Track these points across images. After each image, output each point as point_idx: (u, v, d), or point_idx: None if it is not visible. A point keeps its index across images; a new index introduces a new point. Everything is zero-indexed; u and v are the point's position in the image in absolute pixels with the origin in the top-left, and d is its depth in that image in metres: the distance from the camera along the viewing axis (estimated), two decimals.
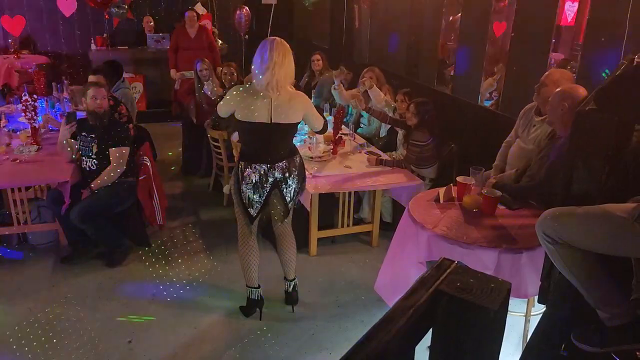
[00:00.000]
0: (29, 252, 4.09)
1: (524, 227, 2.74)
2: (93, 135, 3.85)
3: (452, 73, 5.23)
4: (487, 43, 4.54)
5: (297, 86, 4.01)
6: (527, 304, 2.93)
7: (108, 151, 3.85)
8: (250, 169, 3.01)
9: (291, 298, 3.44)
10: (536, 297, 2.56)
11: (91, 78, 4.62)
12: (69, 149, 3.98)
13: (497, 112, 4.47)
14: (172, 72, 6.73)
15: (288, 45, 2.97)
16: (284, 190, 3.11)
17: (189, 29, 6.75)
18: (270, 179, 3.04)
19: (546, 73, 3.25)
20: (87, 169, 3.90)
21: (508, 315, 1.01)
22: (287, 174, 3.07)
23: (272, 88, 2.89)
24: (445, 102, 4.97)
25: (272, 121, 2.93)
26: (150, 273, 3.85)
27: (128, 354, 3.02)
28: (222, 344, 3.13)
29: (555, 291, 2.19)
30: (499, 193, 2.92)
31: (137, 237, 4.17)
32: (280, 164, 3.04)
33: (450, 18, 5.30)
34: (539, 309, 2.81)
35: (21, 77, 7.38)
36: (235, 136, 4.37)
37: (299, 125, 3.30)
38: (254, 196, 3.07)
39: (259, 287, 3.33)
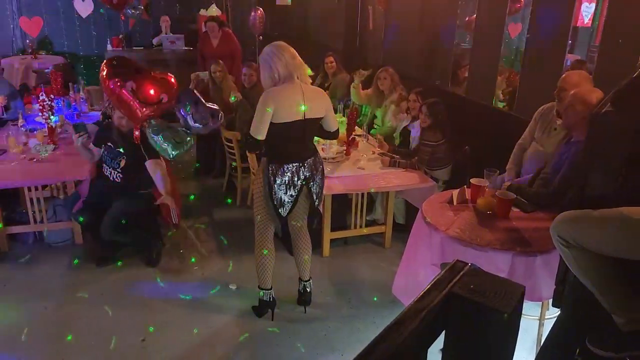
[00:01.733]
0: (45, 251, 4.14)
1: (539, 230, 2.71)
2: (121, 151, 3.80)
3: (466, 74, 5.20)
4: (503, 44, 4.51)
5: None
6: (542, 308, 2.90)
7: (135, 167, 3.78)
8: (283, 169, 3.02)
9: (304, 299, 3.45)
10: (550, 301, 2.54)
11: None
12: (87, 153, 3.94)
13: (511, 113, 4.43)
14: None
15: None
16: (312, 187, 3.15)
17: (213, 39, 6.75)
18: (301, 177, 3.07)
19: (563, 76, 3.21)
20: (112, 179, 3.86)
21: (522, 318, 1.00)
22: (314, 171, 3.12)
23: (297, 79, 2.94)
24: (459, 103, 4.95)
25: (306, 117, 2.97)
26: (164, 272, 3.88)
27: (141, 353, 3.04)
28: (234, 344, 3.14)
29: (570, 295, 2.16)
30: (513, 195, 2.90)
31: (150, 237, 4.19)
32: (309, 160, 3.09)
33: (466, 19, 5.27)
34: (554, 313, 2.78)
35: (38, 78, 7.49)
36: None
37: None
38: (285, 197, 3.08)
39: (271, 288, 3.34)
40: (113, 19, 8.77)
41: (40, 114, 4.48)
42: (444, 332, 0.98)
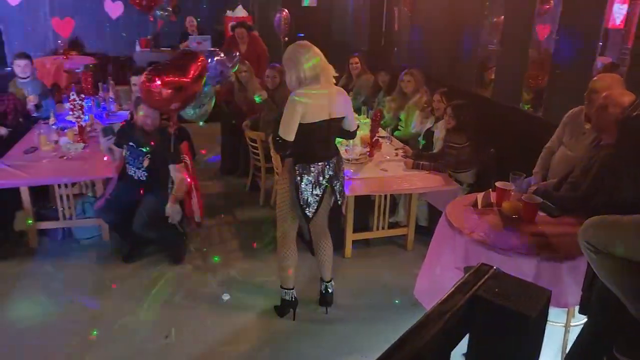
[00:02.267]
0: (73, 247, 4.24)
1: (566, 235, 2.66)
2: (144, 150, 3.83)
3: (492, 76, 5.14)
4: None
5: None
6: (567, 314, 2.85)
7: (159, 167, 3.85)
8: (309, 169, 3.04)
9: (326, 299, 3.45)
10: (577, 308, 2.49)
11: (133, 80, 4.76)
12: (112, 155, 4.02)
13: (539, 116, 4.37)
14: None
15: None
16: (336, 186, 3.17)
17: (241, 46, 6.80)
18: (326, 176, 3.10)
19: (594, 78, 3.15)
20: (137, 178, 3.90)
21: (547, 324, 0.98)
22: (337, 170, 3.16)
23: (323, 80, 2.96)
24: (485, 105, 4.89)
25: (330, 117, 2.99)
26: (187, 270, 3.93)
27: (164, 349, 3.09)
28: (256, 343, 3.16)
29: (597, 302, 2.12)
30: (539, 199, 2.85)
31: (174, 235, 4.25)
32: (333, 159, 3.12)
33: (494, 20, 5.21)
34: (580, 320, 2.73)
35: (69, 77, 7.67)
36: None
37: None
38: (311, 197, 3.09)
39: (293, 288, 3.35)
40: (142, 20, 8.93)
41: (70, 112, 4.58)
42: (467, 335, 0.97)
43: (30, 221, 4.10)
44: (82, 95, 4.68)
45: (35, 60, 5.93)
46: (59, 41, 8.67)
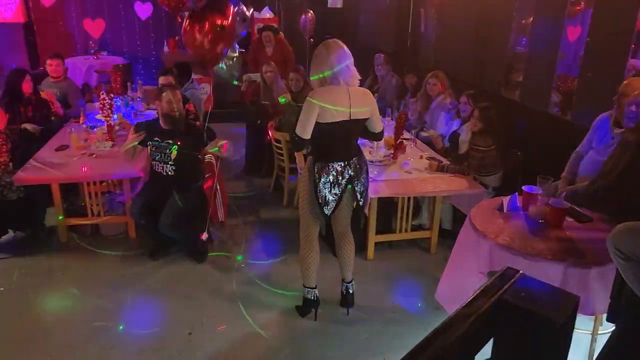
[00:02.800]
0: (100, 242, 4.32)
1: (594, 241, 2.61)
2: (170, 141, 3.86)
3: (520, 78, 5.07)
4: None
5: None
6: (595, 322, 2.80)
7: (187, 157, 3.88)
8: (328, 168, 3.06)
9: (347, 300, 3.45)
10: (605, 316, 2.44)
11: (161, 79, 4.84)
12: (133, 154, 4.01)
13: (567, 120, 4.29)
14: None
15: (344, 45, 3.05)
16: (356, 187, 3.15)
17: (267, 48, 6.84)
18: (345, 177, 3.09)
19: (625, 82, 3.08)
20: (165, 174, 3.93)
21: (574, 331, 0.97)
22: (358, 171, 3.13)
23: (343, 81, 2.96)
24: (512, 108, 4.83)
25: (351, 117, 2.99)
26: (211, 268, 3.97)
27: (187, 346, 3.13)
28: (277, 343, 3.18)
29: (627, 309, 2.07)
30: (567, 204, 2.80)
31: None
32: (354, 160, 3.11)
33: (523, 21, 5.14)
34: (608, 328, 2.67)
35: (99, 77, 7.83)
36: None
37: None
38: (330, 195, 3.10)
39: (315, 287, 3.36)
40: (170, 21, 9.06)
41: (100, 111, 4.67)
42: (492, 339, 0.96)
43: (60, 217, 4.20)
44: (112, 95, 4.77)
45: (66, 60, 6.08)
46: (90, 42, 8.85)
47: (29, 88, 4.89)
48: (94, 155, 4.38)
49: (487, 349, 0.99)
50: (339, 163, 3.06)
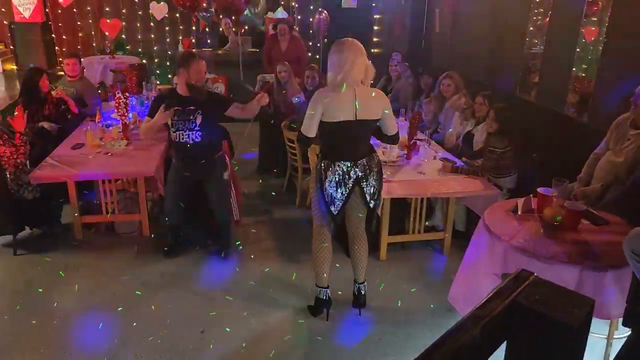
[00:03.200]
0: (115, 240, 4.37)
1: (610, 244, 2.58)
2: (193, 108, 3.72)
3: (536, 80, 5.02)
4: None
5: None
6: (610, 326, 2.76)
7: (211, 122, 3.81)
8: (334, 166, 3.07)
9: (359, 301, 3.44)
10: (620, 320, 2.40)
11: (175, 79, 4.87)
12: (153, 132, 3.97)
13: (584, 121, 4.24)
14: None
15: (361, 45, 3.05)
16: (365, 187, 3.13)
17: (282, 43, 6.86)
18: (353, 177, 3.08)
19: None
20: (191, 142, 3.78)
21: (588, 335, 0.96)
22: (367, 171, 3.11)
23: (351, 82, 2.96)
24: (528, 109, 4.78)
25: (357, 118, 2.98)
26: (225, 267, 3.99)
27: (200, 344, 3.15)
28: (289, 342, 3.18)
29: None
30: (583, 207, 2.77)
31: (214, 232, 4.32)
32: (362, 161, 3.09)
33: (538, 22, 5.09)
34: (623, 333, 2.64)
35: (115, 76, 7.90)
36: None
37: None
38: (337, 194, 3.11)
39: (328, 287, 3.36)
40: (185, 21, 9.13)
41: (115, 110, 4.72)
42: (505, 342, 0.95)
43: (76, 214, 4.25)
44: (127, 94, 4.81)
45: (83, 59, 6.15)
46: (106, 41, 8.95)
47: (45, 87, 4.96)
48: (109, 154, 4.43)
49: (500, 353, 0.98)
50: (345, 163, 3.06)
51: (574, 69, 4.43)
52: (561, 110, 4.48)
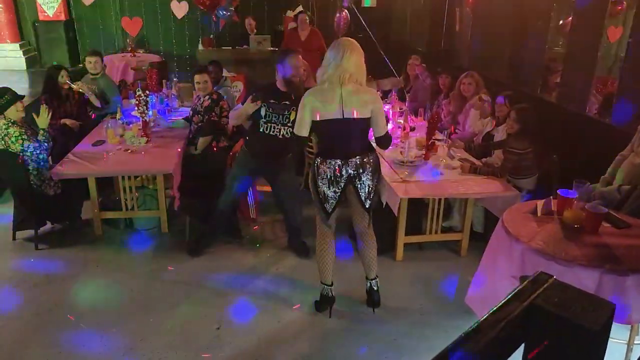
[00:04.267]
0: (134, 236, 4.42)
1: (632, 248, 2.54)
2: (288, 103, 3.73)
3: (557, 80, 4.95)
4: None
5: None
6: (631, 331, 2.71)
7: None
8: (325, 164, 3.09)
9: (372, 298, 3.44)
10: None
11: (197, 77, 4.91)
12: (245, 119, 3.96)
13: (606, 122, 4.16)
14: None
15: (357, 44, 3.06)
16: (358, 186, 3.14)
17: (301, 32, 6.89)
18: (344, 175, 3.09)
19: None
20: (281, 136, 3.81)
21: (608, 340, 0.94)
22: (360, 170, 3.10)
23: (337, 80, 2.97)
24: (549, 110, 4.72)
25: (344, 116, 3.00)
26: (241, 264, 4.01)
27: (215, 340, 3.17)
28: (304, 340, 3.19)
29: None
30: (604, 209, 2.73)
31: (230, 229, 4.36)
32: (354, 159, 3.08)
33: (560, 22, 5.02)
34: None
35: (136, 74, 8.00)
36: None
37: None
38: (329, 192, 3.14)
39: (331, 284, 3.38)
40: (205, 19, 9.19)
41: (136, 108, 4.77)
42: (523, 345, 0.94)
43: (96, 210, 4.32)
44: (147, 92, 4.86)
45: (104, 57, 6.23)
46: (128, 39, 9.06)
47: (66, 84, 5.03)
48: (129, 151, 4.48)
49: (517, 355, 0.97)
50: (336, 161, 3.07)
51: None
52: (583, 111, 4.41)
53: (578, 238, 2.65)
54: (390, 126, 5.01)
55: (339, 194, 3.15)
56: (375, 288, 3.43)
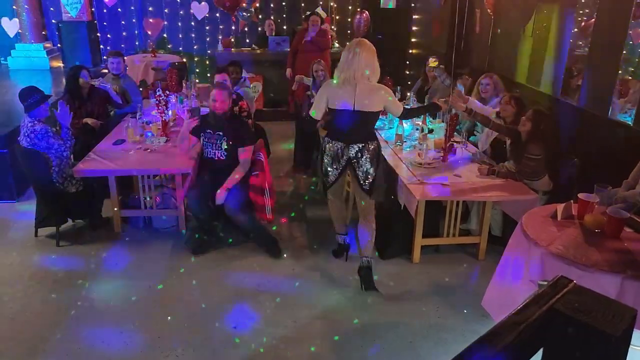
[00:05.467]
0: (152, 235, 4.47)
1: None
2: (221, 133, 4.07)
3: (579, 82, 4.87)
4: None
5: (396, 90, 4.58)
6: None
7: (236, 150, 4.08)
8: (331, 143, 3.57)
9: (360, 274, 3.66)
10: None
11: (217, 77, 4.96)
12: (184, 140, 4.27)
13: (631, 126, 4.08)
14: (288, 71, 7.01)
15: (370, 45, 3.47)
16: (357, 169, 3.54)
17: (310, 32, 6.96)
18: (345, 157, 3.54)
19: None
20: (216, 158, 4.15)
21: (629, 347, 0.92)
22: (359, 155, 3.51)
23: (349, 80, 3.39)
24: (570, 113, 4.65)
25: (355, 109, 3.42)
26: (257, 265, 4.03)
27: (231, 342, 3.18)
28: (319, 342, 3.19)
29: None
30: (626, 214, 2.68)
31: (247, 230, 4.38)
32: (356, 145, 3.51)
33: (582, 23, 4.94)
34: None
35: (156, 74, 8.09)
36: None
37: (407, 133, 3.88)
38: (330, 169, 3.61)
39: (345, 234, 4.04)
40: (225, 20, 9.26)
41: (156, 108, 4.83)
42: (541, 350, 0.93)
43: (116, 208, 4.37)
44: (167, 92, 4.91)
45: (126, 57, 6.31)
46: (149, 40, 9.17)
47: (86, 83, 5.12)
48: (149, 150, 4.53)
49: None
50: (339, 143, 3.53)
51: (620, 71, 4.28)
52: (605, 114, 4.33)
53: (599, 243, 2.61)
54: (408, 128, 4.99)
55: (338, 171, 3.60)
56: (365, 264, 3.66)
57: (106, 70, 6.00)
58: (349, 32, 8.98)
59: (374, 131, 3.64)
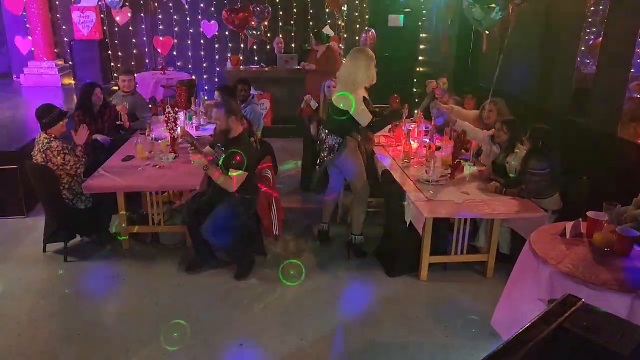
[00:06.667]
0: (159, 251, 4.48)
1: None
2: (224, 149, 4.03)
3: (588, 100, 4.87)
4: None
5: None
6: None
7: (228, 169, 3.95)
8: (323, 129, 4.37)
9: (348, 248, 4.34)
10: None
11: (216, 94, 5.03)
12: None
13: (638, 144, 4.07)
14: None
15: (364, 53, 4.14)
16: (336, 156, 4.26)
17: (319, 51, 7.04)
18: (328, 143, 4.25)
19: None
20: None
21: None
22: (337, 144, 4.23)
23: (344, 83, 4.10)
24: (580, 132, 4.64)
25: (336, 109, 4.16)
26: (265, 281, 4.02)
27: (238, 357, 3.16)
28: (326, 359, 3.16)
29: None
30: (636, 233, 2.65)
31: (254, 246, 4.37)
32: (330, 135, 4.25)
33: (590, 43, 4.96)
34: None
35: (165, 92, 8.18)
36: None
37: None
38: (322, 150, 4.34)
39: (327, 223, 4.61)
40: (234, 39, 9.37)
41: (165, 125, 4.87)
42: None
43: (124, 224, 4.39)
44: (176, 109, 4.96)
45: (136, 75, 6.39)
46: (159, 58, 9.28)
47: (99, 100, 5.18)
48: (158, 167, 4.56)
49: None
50: (325, 130, 4.34)
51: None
52: (615, 133, 4.32)
53: (609, 262, 2.58)
54: (415, 145, 5.00)
55: (327, 152, 4.27)
56: (353, 242, 4.35)
57: (117, 88, 6.07)
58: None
59: (351, 127, 4.23)
